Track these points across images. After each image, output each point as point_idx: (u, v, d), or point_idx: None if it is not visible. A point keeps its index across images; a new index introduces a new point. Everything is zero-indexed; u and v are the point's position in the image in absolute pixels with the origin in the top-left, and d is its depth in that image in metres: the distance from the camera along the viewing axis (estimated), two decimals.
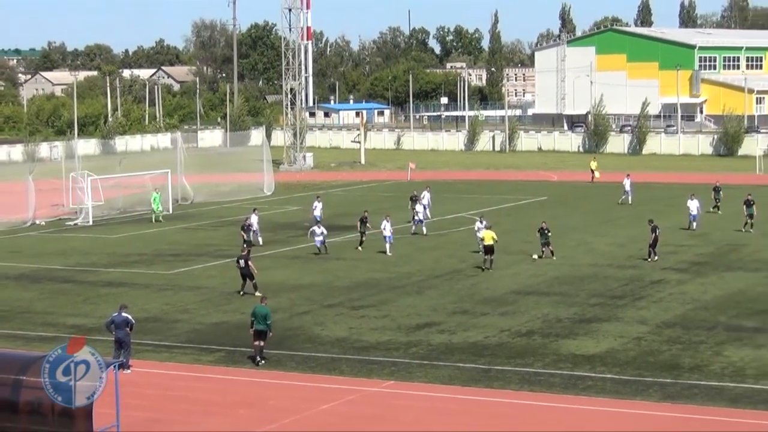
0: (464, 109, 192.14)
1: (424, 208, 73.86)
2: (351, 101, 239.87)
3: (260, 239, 67.34)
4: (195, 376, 38.10)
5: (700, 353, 39.45)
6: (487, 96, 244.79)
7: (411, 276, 56.02)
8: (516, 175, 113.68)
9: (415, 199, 76.15)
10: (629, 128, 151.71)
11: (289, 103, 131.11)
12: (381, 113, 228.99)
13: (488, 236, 57.03)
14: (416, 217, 71.80)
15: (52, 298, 52.67)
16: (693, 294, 50.23)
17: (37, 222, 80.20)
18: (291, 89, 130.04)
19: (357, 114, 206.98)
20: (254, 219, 67.64)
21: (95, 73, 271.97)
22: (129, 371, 36.93)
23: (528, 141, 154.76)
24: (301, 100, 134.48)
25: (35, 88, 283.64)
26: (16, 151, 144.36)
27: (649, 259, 58.98)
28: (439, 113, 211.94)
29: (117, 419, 29.56)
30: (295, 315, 46.98)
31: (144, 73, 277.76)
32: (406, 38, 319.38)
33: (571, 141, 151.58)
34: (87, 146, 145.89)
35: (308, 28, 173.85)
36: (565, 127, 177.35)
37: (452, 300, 49.89)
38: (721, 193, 79.49)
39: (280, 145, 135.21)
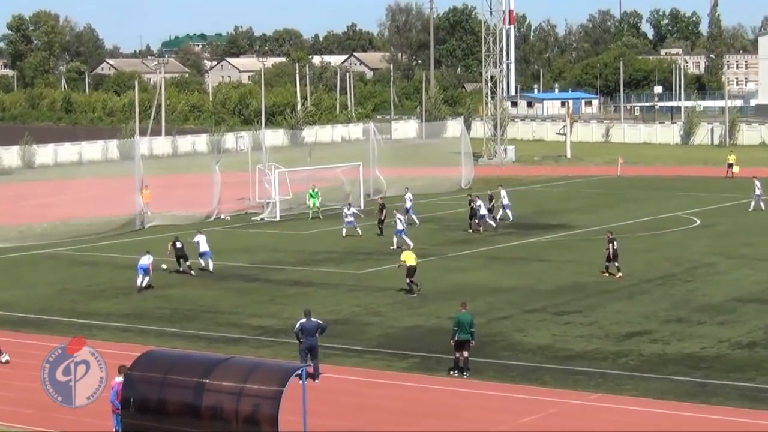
0: (680, 100, 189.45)
1: (504, 208, 75.47)
2: (556, 90, 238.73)
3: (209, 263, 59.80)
4: (386, 383, 38.28)
5: None
6: (705, 85, 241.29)
7: (621, 280, 55.40)
8: (737, 172, 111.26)
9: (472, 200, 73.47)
10: None
11: (489, 92, 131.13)
12: (588, 103, 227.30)
13: (410, 257, 52.24)
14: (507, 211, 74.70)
15: (237, 297, 53.44)
16: None
17: (222, 216, 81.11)
18: (491, 77, 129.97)
19: (562, 104, 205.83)
20: None
21: (284, 59, 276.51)
22: (318, 381, 37.20)
23: (750, 134, 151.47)
24: (503, 88, 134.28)
25: (221, 75, 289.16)
26: (201, 142, 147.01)
27: None
28: (652, 103, 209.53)
29: (304, 427, 29.85)
30: (494, 320, 46.86)
31: (335, 60, 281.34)
32: (617, 22, 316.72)
33: None
34: (275, 137, 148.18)
35: (511, 12, 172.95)
36: None
37: (666, 307, 49.17)
38: None
39: (479, 137, 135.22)
